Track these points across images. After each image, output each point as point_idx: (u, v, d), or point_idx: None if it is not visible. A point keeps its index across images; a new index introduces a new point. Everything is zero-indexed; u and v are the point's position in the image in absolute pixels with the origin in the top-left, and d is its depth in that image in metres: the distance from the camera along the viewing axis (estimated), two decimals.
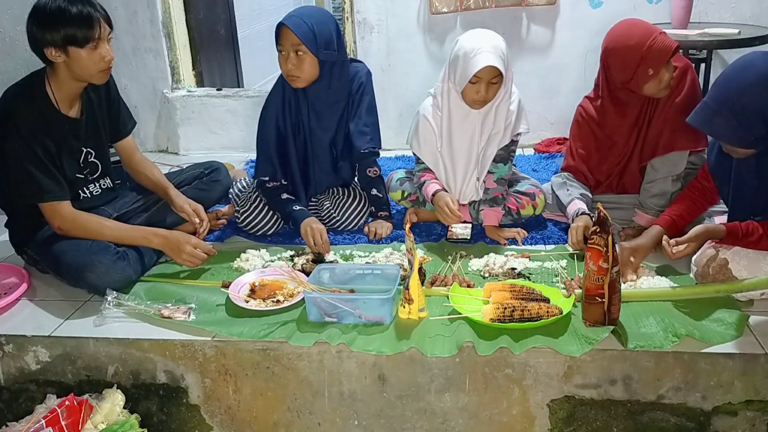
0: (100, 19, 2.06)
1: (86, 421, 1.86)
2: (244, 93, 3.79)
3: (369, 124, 2.52)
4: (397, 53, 3.55)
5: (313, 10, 2.50)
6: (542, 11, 3.43)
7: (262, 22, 6.24)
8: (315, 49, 2.34)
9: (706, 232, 2.00)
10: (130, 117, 2.46)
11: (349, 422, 1.95)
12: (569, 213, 2.38)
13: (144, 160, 2.49)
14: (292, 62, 2.36)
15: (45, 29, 2.02)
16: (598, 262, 1.78)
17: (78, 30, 2.02)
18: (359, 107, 2.50)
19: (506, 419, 1.89)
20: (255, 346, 1.90)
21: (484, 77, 2.29)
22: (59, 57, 2.05)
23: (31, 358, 2.01)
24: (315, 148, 2.56)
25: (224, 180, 2.71)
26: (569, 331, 1.85)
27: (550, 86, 3.53)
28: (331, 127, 2.53)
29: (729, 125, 1.90)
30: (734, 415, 1.81)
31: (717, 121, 1.92)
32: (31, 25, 2.04)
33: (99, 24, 2.05)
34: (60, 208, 2.12)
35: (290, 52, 2.35)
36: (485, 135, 2.44)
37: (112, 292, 2.08)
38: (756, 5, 3.28)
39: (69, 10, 2.02)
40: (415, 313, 1.93)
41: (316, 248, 2.35)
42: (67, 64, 2.07)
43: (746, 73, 1.88)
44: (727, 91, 1.90)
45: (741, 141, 1.92)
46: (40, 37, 2.03)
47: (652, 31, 2.21)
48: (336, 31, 2.41)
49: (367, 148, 2.51)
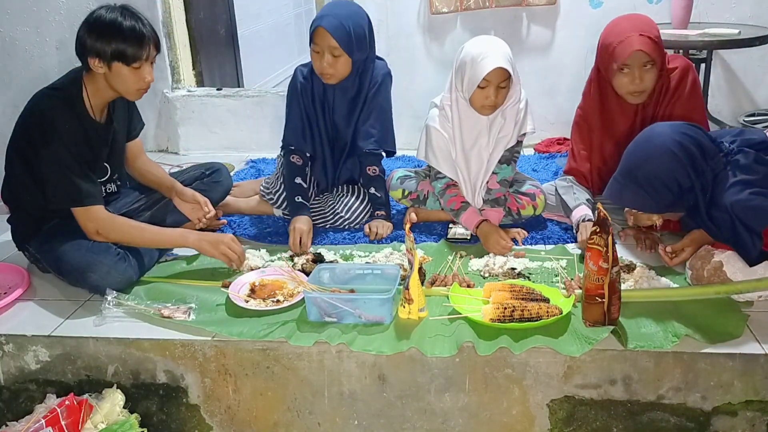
0: (151, 41, 2.08)
1: (86, 421, 1.86)
2: (244, 93, 3.79)
3: (377, 126, 2.53)
4: (397, 53, 3.55)
5: (347, 7, 2.47)
6: (542, 11, 3.43)
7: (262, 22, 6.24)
8: (351, 50, 2.37)
9: (701, 237, 2.03)
10: (139, 119, 2.48)
11: (349, 422, 1.95)
12: (574, 217, 2.38)
13: (149, 161, 2.52)
14: (328, 62, 2.38)
15: (96, 39, 2.03)
16: (598, 262, 1.78)
17: (128, 47, 2.04)
18: (371, 108, 2.52)
19: (506, 419, 1.89)
20: (255, 346, 1.90)
21: (493, 81, 2.27)
22: (101, 68, 2.07)
23: (31, 358, 2.01)
24: (340, 139, 2.59)
25: (225, 181, 2.71)
26: (569, 331, 1.85)
27: (550, 86, 3.53)
28: (352, 121, 2.56)
29: (637, 195, 2.00)
30: (734, 415, 1.81)
31: (626, 193, 2.03)
32: (84, 31, 2.06)
33: (149, 46, 2.08)
34: (98, 212, 2.14)
35: (326, 52, 2.37)
36: (494, 139, 2.44)
37: (112, 292, 2.08)
38: (756, 5, 3.28)
39: (124, 26, 2.04)
40: (415, 313, 1.93)
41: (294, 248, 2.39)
42: (107, 76, 2.09)
43: (646, 144, 1.98)
44: (629, 164, 2.02)
45: (653, 208, 2.03)
46: (89, 45, 2.05)
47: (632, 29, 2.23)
48: (369, 29, 2.45)
49: (369, 148, 2.52)
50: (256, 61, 5.74)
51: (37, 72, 3.64)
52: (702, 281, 2.01)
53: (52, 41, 3.60)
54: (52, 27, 3.58)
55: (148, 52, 2.08)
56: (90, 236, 2.14)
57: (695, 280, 2.04)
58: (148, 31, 2.09)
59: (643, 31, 2.22)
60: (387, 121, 2.57)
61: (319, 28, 2.36)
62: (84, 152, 2.13)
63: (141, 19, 2.09)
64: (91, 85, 2.14)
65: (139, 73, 2.09)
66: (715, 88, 3.40)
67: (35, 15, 3.57)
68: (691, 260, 2.08)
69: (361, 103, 2.53)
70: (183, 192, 2.45)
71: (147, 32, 2.08)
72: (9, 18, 3.58)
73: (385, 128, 2.57)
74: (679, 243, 2.06)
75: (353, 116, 2.56)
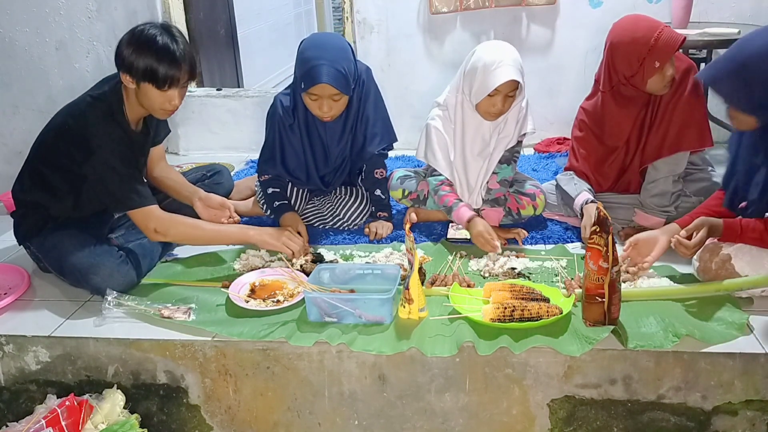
0: (185, 68, 2.06)
1: (86, 422, 1.86)
2: (244, 93, 3.79)
3: (378, 123, 2.52)
4: (397, 53, 3.55)
5: (333, 44, 2.39)
6: (542, 11, 3.43)
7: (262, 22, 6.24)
8: (348, 90, 2.36)
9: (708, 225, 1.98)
10: (165, 125, 2.46)
11: (349, 422, 1.95)
12: (577, 203, 2.36)
13: (168, 166, 2.52)
14: (328, 106, 2.35)
15: (131, 53, 2.02)
16: (598, 261, 1.78)
17: (159, 67, 2.01)
18: (366, 111, 2.49)
19: (506, 419, 1.89)
20: (255, 346, 1.90)
21: (503, 90, 2.28)
22: (131, 84, 2.07)
23: (31, 358, 2.01)
24: (331, 154, 2.56)
25: (226, 183, 2.71)
26: (569, 331, 1.85)
27: (550, 86, 3.53)
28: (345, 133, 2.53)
29: (736, 85, 1.88)
30: (734, 414, 1.81)
31: (724, 79, 1.91)
32: (123, 44, 2.05)
33: (181, 72, 2.05)
34: (155, 212, 2.16)
35: (325, 100, 2.34)
36: (494, 142, 2.44)
37: (112, 292, 2.07)
38: (756, 5, 3.28)
39: (160, 47, 2.01)
40: (415, 313, 1.93)
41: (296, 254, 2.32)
42: (135, 92, 2.09)
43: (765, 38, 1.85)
44: (741, 52, 1.88)
45: (742, 105, 1.91)
46: (124, 58, 2.04)
47: (659, 24, 2.22)
48: (353, 55, 2.42)
49: (379, 150, 2.52)
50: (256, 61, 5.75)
51: (37, 72, 3.65)
52: (709, 273, 2.00)
53: (52, 41, 3.60)
54: (52, 27, 3.58)
55: (179, 78, 2.05)
56: (149, 236, 2.17)
57: (702, 272, 2.03)
58: (185, 55, 2.05)
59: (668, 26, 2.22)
60: (384, 112, 2.56)
61: (322, 84, 2.28)
62: (130, 157, 2.14)
63: (179, 41, 2.06)
64: (127, 98, 2.15)
65: (167, 96, 2.07)
66: None
67: (35, 15, 3.57)
68: (699, 252, 2.06)
69: (354, 112, 2.49)
70: (208, 198, 2.43)
71: (183, 58, 2.04)
72: (9, 18, 3.58)
73: (385, 122, 2.56)
74: (690, 226, 2.01)
75: (347, 128, 2.52)
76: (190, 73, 2.09)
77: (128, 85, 2.08)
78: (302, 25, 7.87)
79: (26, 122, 3.70)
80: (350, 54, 2.40)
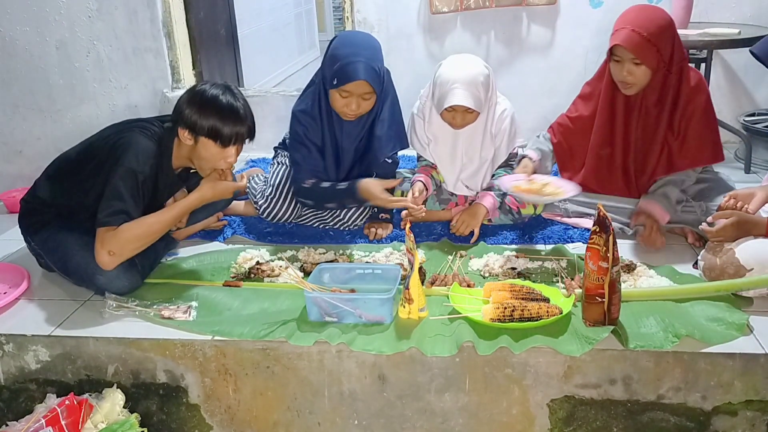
0: (248, 131, 2.11)
1: (86, 421, 1.86)
2: (244, 92, 3.76)
3: (393, 126, 2.51)
4: (397, 53, 3.55)
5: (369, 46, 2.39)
6: (542, 11, 3.43)
7: (262, 22, 6.24)
8: (380, 89, 2.36)
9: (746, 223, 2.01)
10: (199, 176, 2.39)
11: (349, 422, 1.95)
12: None
13: None
14: (357, 104, 2.35)
15: (198, 114, 2.04)
16: (597, 262, 1.78)
17: (224, 128, 2.05)
18: (382, 109, 2.48)
19: (506, 419, 1.89)
20: (255, 346, 1.90)
21: (459, 109, 2.35)
22: (189, 140, 2.08)
23: (31, 358, 2.01)
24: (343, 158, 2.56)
25: None
26: (569, 331, 1.85)
27: (550, 86, 3.53)
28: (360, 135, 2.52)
29: None
30: (734, 415, 1.81)
31: None
32: (188, 101, 2.07)
33: (245, 136, 2.10)
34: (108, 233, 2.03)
35: (356, 97, 2.34)
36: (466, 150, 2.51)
37: (111, 296, 2.07)
38: (756, 5, 3.28)
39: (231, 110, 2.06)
40: (415, 312, 1.93)
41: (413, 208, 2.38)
42: (190, 147, 2.11)
43: None
44: None
45: None
46: (188, 117, 2.05)
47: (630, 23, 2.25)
48: None
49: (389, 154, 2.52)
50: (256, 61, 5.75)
51: (37, 72, 3.65)
52: (715, 270, 2.01)
53: (52, 41, 3.60)
54: (52, 27, 3.57)
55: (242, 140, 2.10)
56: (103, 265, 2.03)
57: (708, 270, 2.03)
58: (250, 120, 2.10)
59: (637, 27, 2.23)
60: (399, 116, 2.54)
61: (359, 81, 2.28)
62: (146, 194, 2.12)
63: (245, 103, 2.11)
64: (176, 147, 2.16)
65: (224, 153, 2.10)
66: (715, 87, 3.39)
67: (35, 15, 3.56)
68: (703, 252, 2.08)
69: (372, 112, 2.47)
70: None
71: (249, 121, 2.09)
72: (9, 18, 3.58)
73: (399, 126, 2.54)
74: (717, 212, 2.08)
75: (364, 128, 2.51)
76: (251, 137, 2.14)
77: (184, 140, 2.09)
78: (302, 25, 7.87)
79: (26, 122, 3.70)
80: (381, 54, 2.42)
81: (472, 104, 2.30)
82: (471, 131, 2.46)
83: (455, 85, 2.30)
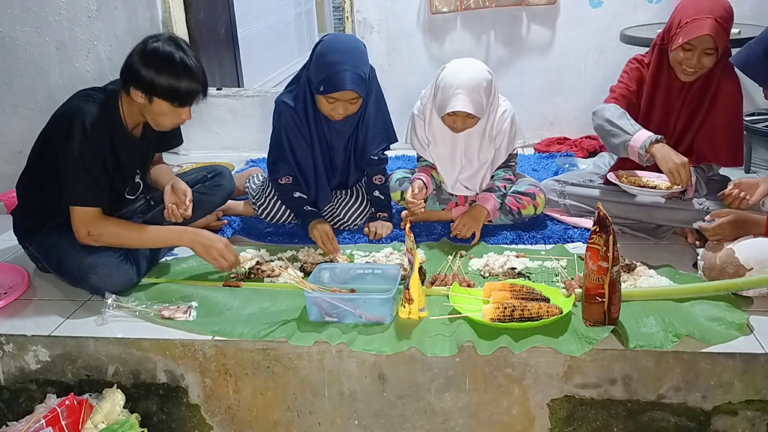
0: (202, 90, 2.07)
1: (86, 421, 1.86)
2: (244, 93, 3.79)
3: (379, 123, 2.52)
4: (397, 53, 3.55)
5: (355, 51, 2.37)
6: (542, 11, 3.43)
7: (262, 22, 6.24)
8: (365, 93, 2.36)
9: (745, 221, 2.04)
10: (178, 134, 2.43)
11: (349, 422, 1.95)
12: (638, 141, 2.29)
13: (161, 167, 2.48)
14: (344, 108, 2.35)
15: (150, 72, 1.99)
16: (597, 261, 1.78)
17: (180, 87, 2.00)
18: (366, 106, 2.49)
19: (506, 419, 1.89)
20: (255, 346, 1.90)
21: (460, 114, 2.35)
22: (140, 99, 2.04)
23: (31, 358, 2.01)
24: (336, 156, 2.57)
25: (227, 185, 2.70)
26: (569, 331, 1.85)
27: (550, 86, 3.53)
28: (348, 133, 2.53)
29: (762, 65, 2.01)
30: (734, 414, 1.81)
31: (752, 58, 2.04)
32: (138, 60, 2.01)
33: (200, 94, 2.07)
34: (92, 214, 2.08)
35: (342, 102, 2.33)
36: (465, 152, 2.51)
37: (111, 296, 2.07)
38: (756, 5, 3.28)
39: (183, 69, 2.01)
40: (416, 312, 1.93)
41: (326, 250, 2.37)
42: (142, 106, 2.07)
43: None
44: None
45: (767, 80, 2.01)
46: (140, 75, 2.00)
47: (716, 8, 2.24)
48: None
49: (377, 151, 2.53)
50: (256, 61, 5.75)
51: (37, 71, 3.65)
52: (715, 269, 2.01)
53: (52, 41, 3.60)
54: (52, 27, 3.58)
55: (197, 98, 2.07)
56: (81, 239, 2.08)
57: (708, 269, 2.04)
58: (203, 78, 2.06)
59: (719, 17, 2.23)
60: (385, 113, 2.56)
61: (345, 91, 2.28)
62: (107, 157, 2.09)
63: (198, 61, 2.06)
64: (127, 104, 2.12)
65: (178, 113, 2.07)
66: None
67: (35, 15, 3.57)
68: (702, 251, 2.09)
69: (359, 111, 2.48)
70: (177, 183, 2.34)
71: (202, 79, 2.05)
72: (9, 18, 3.58)
73: (386, 122, 2.56)
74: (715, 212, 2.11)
75: (351, 128, 2.52)
76: (204, 92, 2.10)
77: (136, 99, 2.05)
78: (302, 25, 7.87)
79: (26, 122, 3.70)
80: (367, 56, 2.41)
81: (473, 110, 2.30)
82: (470, 134, 2.47)
83: (458, 90, 2.30)
